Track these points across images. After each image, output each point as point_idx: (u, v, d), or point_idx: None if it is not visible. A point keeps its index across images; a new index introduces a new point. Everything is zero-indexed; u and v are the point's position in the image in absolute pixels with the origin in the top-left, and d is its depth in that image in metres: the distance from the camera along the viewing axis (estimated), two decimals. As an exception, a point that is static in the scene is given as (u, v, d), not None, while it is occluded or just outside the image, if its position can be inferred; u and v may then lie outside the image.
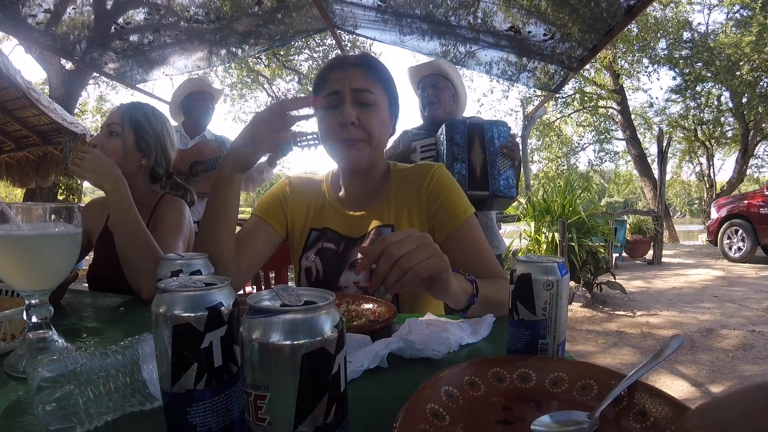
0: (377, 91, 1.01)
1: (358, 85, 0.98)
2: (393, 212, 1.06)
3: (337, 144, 1.00)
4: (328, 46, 11.43)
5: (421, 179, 1.06)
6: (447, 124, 1.82)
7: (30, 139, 5.54)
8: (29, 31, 2.98)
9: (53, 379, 0.45)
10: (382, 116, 1.02)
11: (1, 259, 0.62)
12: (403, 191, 1.07)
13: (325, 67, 1.04)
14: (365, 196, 1.10)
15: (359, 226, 1.07)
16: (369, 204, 1.08)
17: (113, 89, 12.27)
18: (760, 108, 11.79)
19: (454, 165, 1.77)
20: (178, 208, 1.33)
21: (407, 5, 3.17)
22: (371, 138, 1.00)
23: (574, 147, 15.35)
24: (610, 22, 2.59)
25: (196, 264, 0.68)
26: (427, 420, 0.43)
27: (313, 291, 0.40)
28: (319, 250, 1.07)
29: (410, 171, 1.10)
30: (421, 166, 1.10)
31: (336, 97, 0.99)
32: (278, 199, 1.13)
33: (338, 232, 1.08)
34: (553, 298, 0.59)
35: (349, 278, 1.03)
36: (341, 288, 1.03)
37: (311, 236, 1.10)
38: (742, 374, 2.73)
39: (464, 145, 1.78)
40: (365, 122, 0.98)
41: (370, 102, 0.99)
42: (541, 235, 5.05)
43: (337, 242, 1.07)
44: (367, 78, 1.00)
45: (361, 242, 1.05)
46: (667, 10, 12.03)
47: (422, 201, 1.05)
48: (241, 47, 4.01)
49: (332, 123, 0.99)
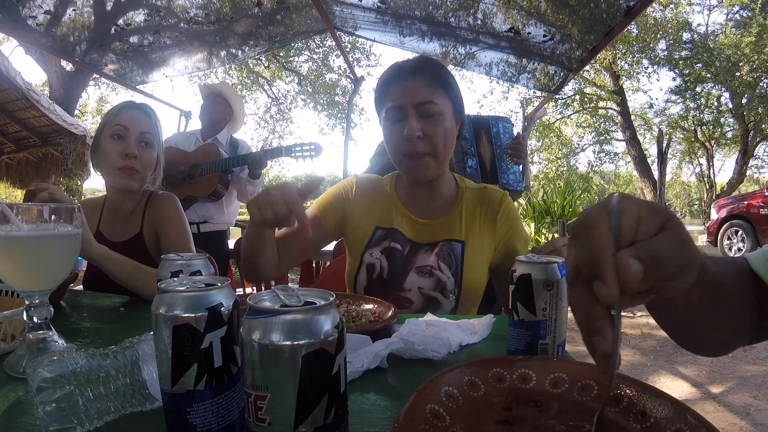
0: (440, 99, 1.01)
1: (419, 98, 0.99)
2: (464, 229, 1.09)
3: (403, 159, 1.03)
4: (328, 47, 11.45)
5: (496, 205, 1.11)
6: None
7: (30, 140, 5.54)
8: (29, 33, 2.97)
9: (53, 380, 0.45)
10: (447, 125, 1.02)
11: (1, 259, 0.62)
12: (474, 211, 1.11)
13: (386, 78, 1.05)
14: (433, 205, 1.12)
15: (427, 234, 1.09)
16: (437, 214, 1.11)
17: (113, 90, 12.27)
18: (760, 109, 11.80)
19: (466, 160, 1.77)
20: (176, 206, 1.32)
21: (407, 6, 3.18)
22: (436, 151, 1.02)
23: (574, 148, 15.36)
24: (609, 23, 2.58)
25: (196, 264, 0.68)
26: (427, 420, 0.43)
27: (313, 291, 0.40)
28: (385, 248, 1.09)
29: (482, 193, 1.13)
30: (491, 190, 1.14)
31: (400, 112, 1.00)
32: (339, 199, 1.15)
33: (405, 234, 1.10)
34: (554, 298, 0.59)
35: (415, 282, 1.04)
36: (405, 290, 1.05)
37: (376, 234, 1.11)
38: (742, 374, 2.72)
39: (472, 139, 1.79)
40: (430, 135, 1.00)
41: (433, 113, 1.00)
42: (541, 235, 5.05)
43: (403, 244, 1.09)
44: (428, 88, 1.00)
45: (427, 249, 1.07)
46: (667, 11, 12.04)
47: (495, 227, 1.09)
48: (241, 49, 4.01)
49: (398, 137, 1.01)
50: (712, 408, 2.31)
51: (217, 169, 2.31)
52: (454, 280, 1.03)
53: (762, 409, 2.28)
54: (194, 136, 2.56)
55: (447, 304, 1.03)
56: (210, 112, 2.56)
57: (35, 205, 0.67)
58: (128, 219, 1.32)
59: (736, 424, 2.15)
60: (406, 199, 1.14)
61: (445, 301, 1.03)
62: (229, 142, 2.56)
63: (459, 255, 1.05)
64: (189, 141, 2.53)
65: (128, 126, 1.24)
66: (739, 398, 2.43)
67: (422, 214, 1.11)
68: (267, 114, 13.58)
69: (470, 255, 1.06)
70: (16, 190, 6.65)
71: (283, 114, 13.65)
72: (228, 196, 2.50)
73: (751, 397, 2.43)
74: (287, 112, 13.66)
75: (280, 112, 13.57)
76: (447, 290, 1.03)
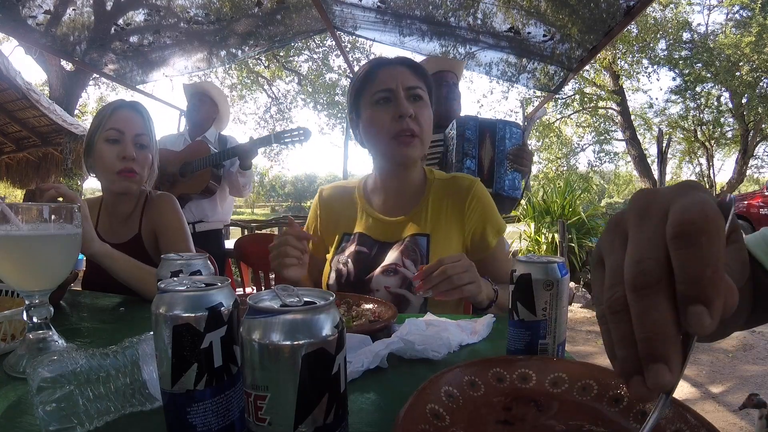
0: (423, 89, 1.06)
1: (410, 82, 1.03)
2: (430, 222, 1.08)
3: (392, 142, 1.03)
4: (328, 47, 11.44)
5: (463, 194, 1.08)
6: (458, 120, 1.81)
7: (30, 140, 5.53)
8: (29, 32, 2.97)
9: (53, 380, 0.45)
10: (430, 113, 1.07)
11: (1, 259, 0.62)
12: (441, 202, 1.09)
13: (369, 67, 1.08)
14: (402, 200, 1.12)
15: (394, 232, 1.09)
16: (405, 209, 1.11)
17: (113, 90, 12.25)
18: (760, 108, 11.79)
19: (465, 161, 1.75)
20: (174, 206, 1.31)
21: (407, 6, 3.17)
22: (423, 132, 1.04)
23: (574, 148, 15.34)
24: (609, 22, 2.58)
25: (196, 264, 0.68)
26: (427, 420, 0.43)
27: (313, 291, 0.40)
28: (351, 253, 1.09)
29: (450, 182, 1.12)
30: (460, 178, 1.13)
31: (388, 94, 1.02)
32: (314, 214, 1.22)
33: (372, 236, 1.10)
34: (553, 298, 0.59)
35: (381, 281, 1.03)
36: (373, 290, 1.04)
37: (344, 240, 1.13)
38: (743, 374, 2.73)
39: (475, 140, 1.77)
40: (419, 116, 1.03)
41: (422, 96, 1.05)
42: (540, 235, 5.06)
43: (371, 246, 1.09)
44: (414, 76, 1.06)
45: (394, 247, 1.07)
46: (667, 11, 12.03)
47: (463, 216, 1.08)
48: (241, 48, 4.01)
49: (386, 117, 1.02)
50: (712, 408, 2.31)
51: (208, 165, 2.32)
52: None
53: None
54: (182, 137, 2.57)
55: (415, 300, 1.02)
56: (197, 111, 2.57)
57: (35, 205, 0.67)
58: (126, 221, 1.31)
59: (736, 424, 2.15)
60: (374, 200, 1.15)
61: (413, 297, 1.01)
62: (218, 140, 2.58)
63: (424, 249, 1.04)
64: (178, 142, 2.54)
65: (123, 129, 1.22)
66: (739, 398, 2.43)
67: (391, 212, 1.12)
68: (267, 114, 13.58)
69: (436, 247, 1.04)
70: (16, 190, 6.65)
71: (283, 114, 13.64)
72: (221, 192, 2.51)
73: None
74: (287, 112, 13.65)
75: (280, 111, 13.56)
76: (413, 286, 1.02)
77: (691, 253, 0.27)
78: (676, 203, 0.29)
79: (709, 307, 0.26)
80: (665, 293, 0.27)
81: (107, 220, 1.33)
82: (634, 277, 0.28)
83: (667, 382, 0.26)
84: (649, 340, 0.27)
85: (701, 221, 0.27)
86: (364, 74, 1.06)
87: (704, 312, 0.26)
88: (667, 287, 0.27)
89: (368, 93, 1.04)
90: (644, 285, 0.28)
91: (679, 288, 0.27)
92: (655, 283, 0.27)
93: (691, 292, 0.27)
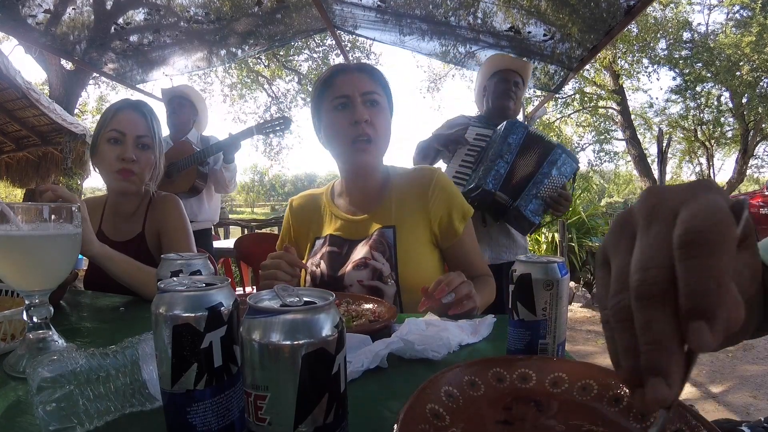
0: (380, 94, 1.09)
1: (366, 88, 1.06)
2: (394, 214, 1.10)
3: (348, 146, 1.06)
4: (328, 46, 11.42)
5: (425, 183, 1.11)
6: (509, 123, 1.77)
7: (30, 139, 5.53)
8: (29, 32, 2.97)
9: (53, 379, 0.45)
10: (386, 117, 1.10)
11: (1, 259, 0.62)
12: (404, 194, 1.13)
13: (329, 73, 1.10)
14: (367, 199, 1.15)
15: (362, 229, 1.12)
16: (370, 207, 1.14)
17: (113, 89, 12.25)
18: (760, 108, 11.79)
19: (497, 162, 1.71)
20: (178, 207, 1.33)
21: (407, 6, 3.17)
22: (379, 137, 1.07)
23: (574, 147, 15.33)
24: (609, 22, 2.58)
25: (196, 264, 0.68)
26: (427, 420, 0.43)
27: (314, 291, 0.40)
28: (323, 254, 1.12)
29: (411, 174, 1.16)
30: (422, 170, 1.16)
31: (345, 100, 1.05)
32: (287, 224, 1.25)
33: (341, 236, 1.13)
34: (553, 298, 0.59)
35: (353, 276, 1.05)
36: (347, 286, 1.05)
37: (315, 244, 1.17)
38: (742, 374, 2.73)
39: (516, 147, 1.73)
40: (375, 121, 1.06)
41: (378, 101, 1.07)
42: (540, 235, 5.05)
43: (341, 245, 1.12)
44: (371, 81, 1.08)
45: (363, 243, 1.09)
46: (667, 11, 12.03)
47: (427, 205, 1.10)
48: (241, 48, 4.01)
49: (344, 122, 1.05)
50: (712, 408, 2.32)
51: (193, 163, 2.36)
52: (389, 264, 1.05)
53: (762, 409, 2.28)
54: (165, 141, 2.59)
55: (388, 289, 1.04)
56: (177, 115, 2.61)
57: (35, 205, 0.67)
58: (130, 219, 1.32)
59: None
60: (340, 202, 1.19)
61: (386, 287, 1.04)
62: (200, 140, 2.61)
63: (391, 240, 1.07)
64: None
65: (125, 131, 1.23)
66: (739, 398, 2.43)
67: (358, 210, 1.15)
68: (267, 113, 13.57)
69: (402, 237, 1.07)
70: (16, 190, 6.65)
71: (282, 113, 13.64)
72: (207, 190, 2.56)
73: (751, 397, 2.43)
74: (287, 111, 13.65)
75: (279, 111, 13.56)
76: (384, 276, 1.04)
77: (695, 265, 0.25)
78: (686, 208, 0.27)
79: (711, 324, 0.25)
80: (670, 304, 0.26)
81: (111, 217, 1.34)
82: (639, 286, 0.27)
83: (663, 398, 0.25)
84: (650, 352, 0.26)
85: (708, 230, 0.25)
86: (323, 80, 1.10)
87: (705, 329, 0.25)
88: (673, 298, 0.26)
89: (328, 99, 1.08)
90: (649, 295, 0.26)
91: (681, 301, 0.26)
92: (660, 293, 0.26)
93: (693, 307, 0.25)
